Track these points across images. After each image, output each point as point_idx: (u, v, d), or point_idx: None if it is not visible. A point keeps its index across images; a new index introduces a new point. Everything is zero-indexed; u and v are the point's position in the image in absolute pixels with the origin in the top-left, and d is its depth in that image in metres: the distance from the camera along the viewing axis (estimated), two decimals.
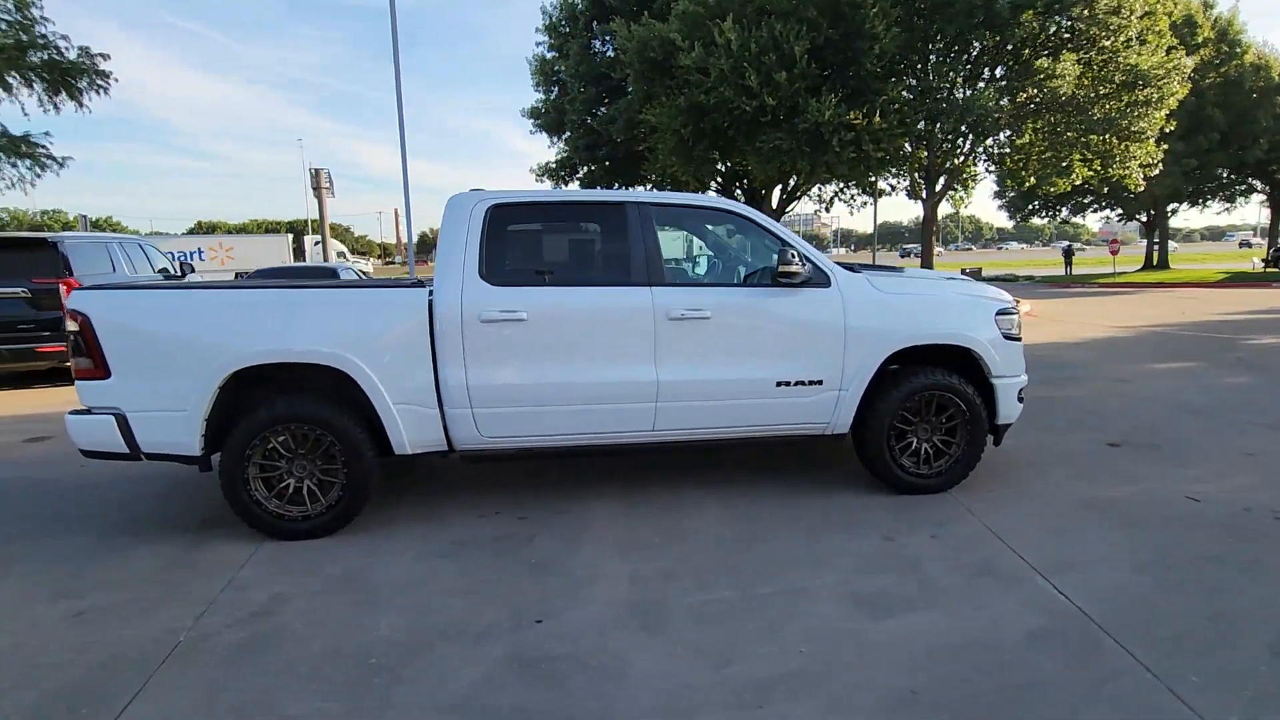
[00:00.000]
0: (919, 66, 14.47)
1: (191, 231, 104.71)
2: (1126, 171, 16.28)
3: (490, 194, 3.93)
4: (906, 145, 14.74)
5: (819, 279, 4.02)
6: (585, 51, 19.62)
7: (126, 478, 4.67)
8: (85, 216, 24.79)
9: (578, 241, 4.13)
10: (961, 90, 14.51)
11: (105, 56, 15.93)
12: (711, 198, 4.17)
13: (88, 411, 3.55)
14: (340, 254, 43.52)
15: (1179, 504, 3.96)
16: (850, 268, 4.44)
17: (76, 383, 3.54)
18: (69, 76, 15.44)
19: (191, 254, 28.51)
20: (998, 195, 34.93)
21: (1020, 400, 4.32)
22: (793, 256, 3.80)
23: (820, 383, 4.02)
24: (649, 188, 21.43)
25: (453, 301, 3.69)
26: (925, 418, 4.16)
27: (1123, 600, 2.90)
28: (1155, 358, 9.18)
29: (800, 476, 4.54)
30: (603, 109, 19.46)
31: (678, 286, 3.94)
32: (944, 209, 20.49)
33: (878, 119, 12.52)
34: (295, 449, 3.65)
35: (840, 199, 25.96)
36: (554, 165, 23.36)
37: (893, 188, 22.27)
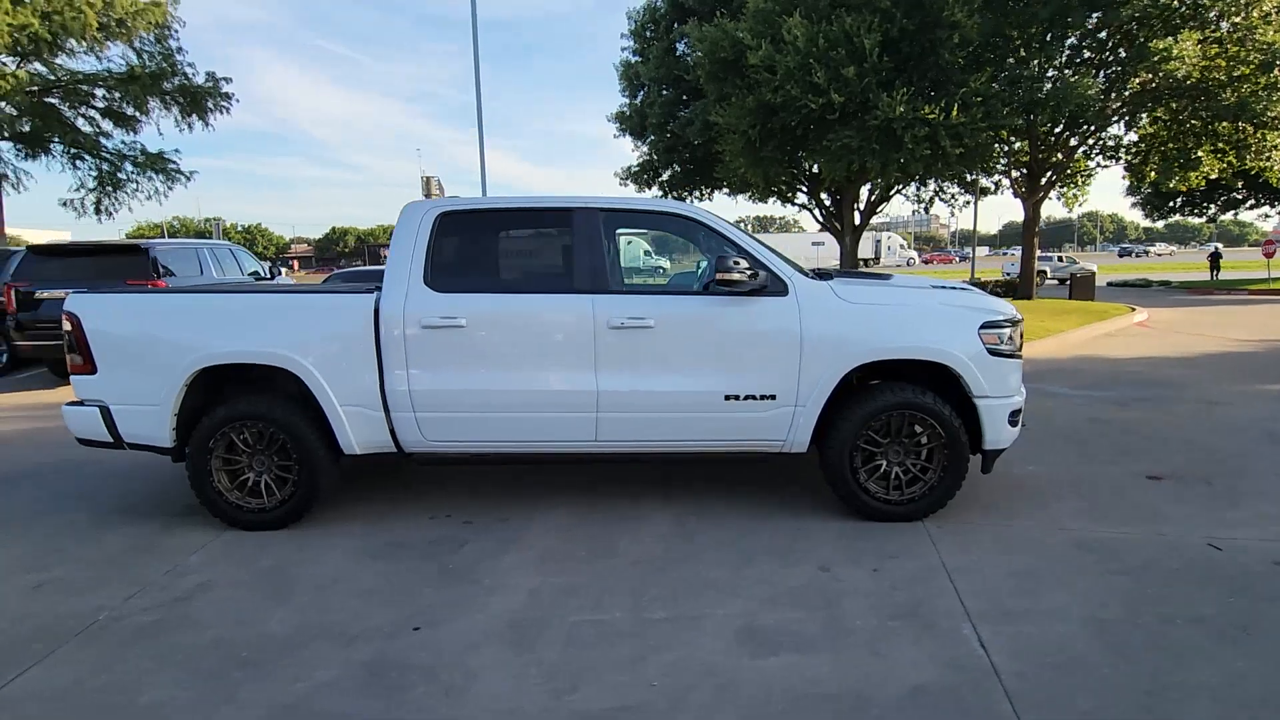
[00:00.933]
0: (1009, 55, 13.30)
1: (326, 236, 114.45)
2: (1267, 163, 14.20)
3: (439, 201, 4.00)
4: (994, 140, 13.58)
5: (775, 286, 3.78)
6: (665, 54, 19.58)
7: (145, 465, 5.13)
8: (219, 222, 27.68)
9: (524, 248, 4.12)
10: (1061, 79, 13.19)
11: (227, 80, 17.74)
12: (663, 201, 4.04)
13: (80, 403, 3.93)
14: None
15: (1194, 551, 3.41)
16: (824, 274, 4.17)
17: (71, 377, 3.93)
18: (199, 99, 17.28)
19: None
20: (1131, 192, 31.61)
21: (1014, 424, 3.88)
22: (734, 264, 3.59)
23: (774, 397, 3.78)
24: (725, 191, 21.09)
25: (396, 307, 3.77)
26: (897, 439, 3.81)
27: (1053, 661, 2.52)
28: (1268, 378, 7.97)
29: (774, 495, 4.28)
30: (683, 112, 19.36)
31: (622, 294, 3.82)
32: (1056, 208, 18.70)
33: (955, 113, 11.62)
34: (255, 445, 3.87)
35: (941, 198, 24.50)
36: (636, 169, 23.49)
37: (997, 185, 20.71)
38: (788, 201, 20.38)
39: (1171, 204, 31.95)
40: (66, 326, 3.89)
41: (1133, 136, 15.55)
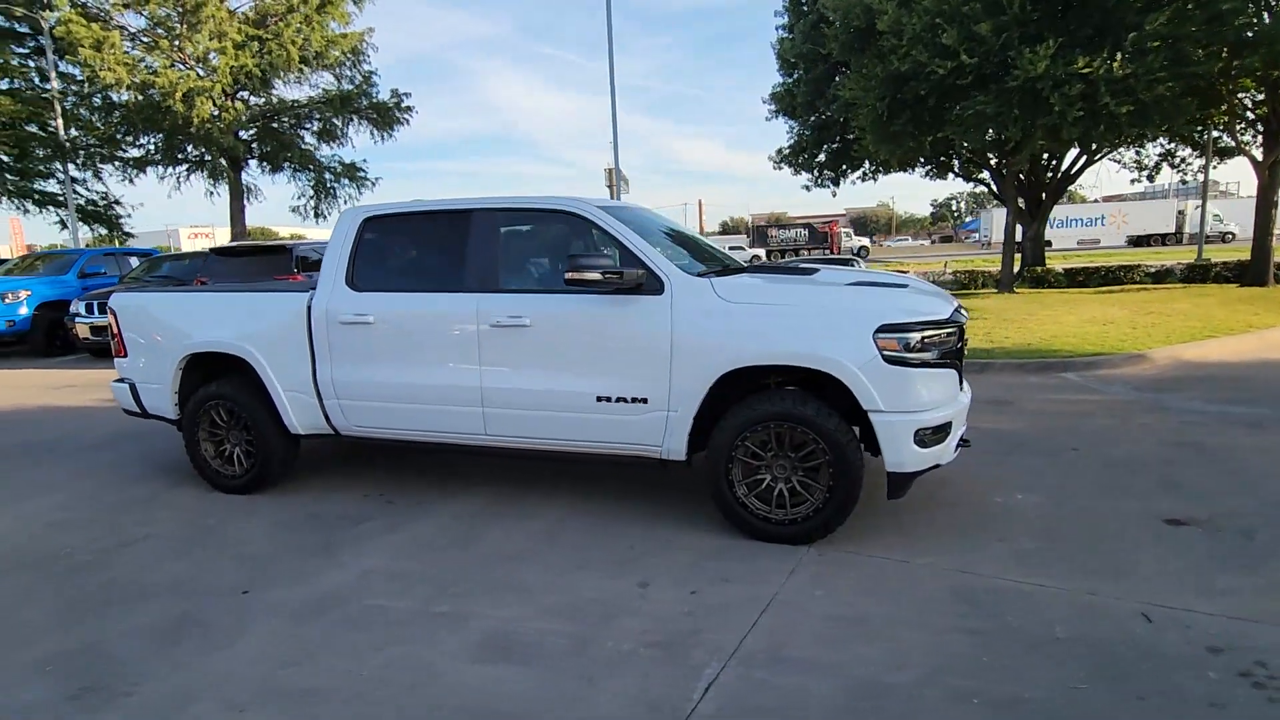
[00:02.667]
0: None
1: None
2: None
3: (366, 207, 4.35)
4: (1187, 91, 10.97)
5: (651, 285, 3.60)
6: (812, 29, 18.50)
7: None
8: None
9: (429, 249, 4.29)
10: None
11: (408, 94, 20.11)
12: (550, 198, 3.95)
13: (120, 380, 4.90)
14: None
15: (1111, 620, 2.70)
16: (731, 269, 3.87)
17: (115, 360, 4.91)
18: (385, 114, 19.82)
19: None
20: None
21: (930, 443, 3.32)
22: (587, 262, 3.48)
23: (645, 401, 3.61)
24: (872, 170, 19.48)
25: (322, 304, 4.20)
26: (782, 453, 3.45)
27: (765, 709, 2.20)
28: None
29: (693, 504, 4.04)
30: (829, 89, 18.23)
31: (505, 293, 3.88)
32: None
33: (1119, 64, 9.55)
34: (228, 422, 4.55)
35: (1170, 164, 20.55)
36: (788, 151, 22.57)
37: (1238, 145, 16.82)
38: (938, 177, 18.38)
39: None
40: (109, 319, 4.86)
41: None
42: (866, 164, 18.80)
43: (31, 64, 18.77)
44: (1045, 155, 17.37)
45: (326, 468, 5.04)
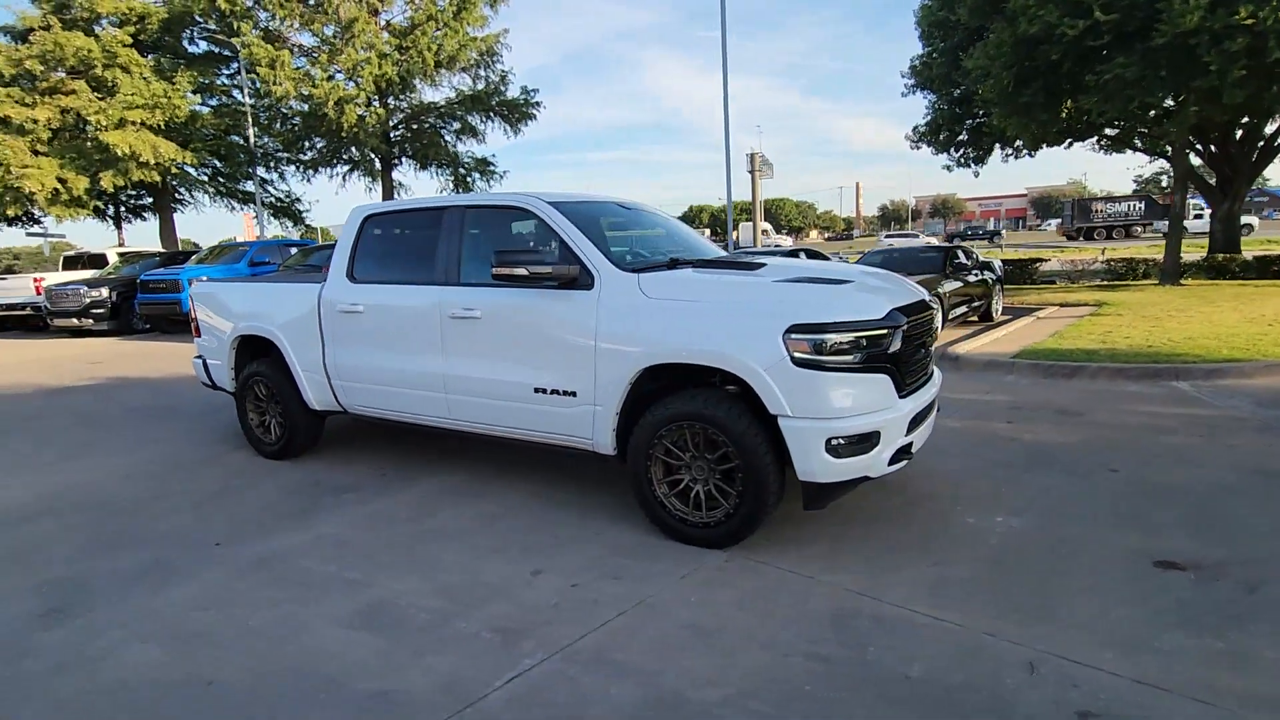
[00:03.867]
0: None
1: (684, 215, 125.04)
2: None
3: (368, 205, 4.74)
4: None
5: (584, 280, 3.64)
6: None
7: None
8: None
9: (410, 245, 4.56)
10: None
11: (535, 90, 21.10)
12: (505, 194, 4.04)
13: (198, 356, 5.76)
14: (764, 231, 50.21)
15: (985, 667, 2.39)
16: (673, 264, 3.81)
17: (195, 339, 5.77)
18: (514, 111, 20.97)
19: None
20: None
21: (846, 454, 3.09)
22: (508, 259, 3.58)
23: (574, 394, 3.67)
24: (1015, 148, 17.42)
25: (327, 294, 4.67)
26: (700, 454, 3.37)
27: (552, 705, 2.23)
28: None
29: None
30: (964, 61, 16.61)
31: (464, 287, 4.08)
32: None
33: None
34: (266, 397, 5.21)
35: None
36: (924, 129, 20.88)
37: None
38: (1114, 150, 16.09)
39: None
40: (190, 304, 5.72)
41: None
42: (1002, 142, 16.91)
43: (231, 82, 22.06)
44: (1247, 119, 14.63)
45: (349, 441, 5.59)
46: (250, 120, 20.42)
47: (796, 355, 3.05)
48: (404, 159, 22.94)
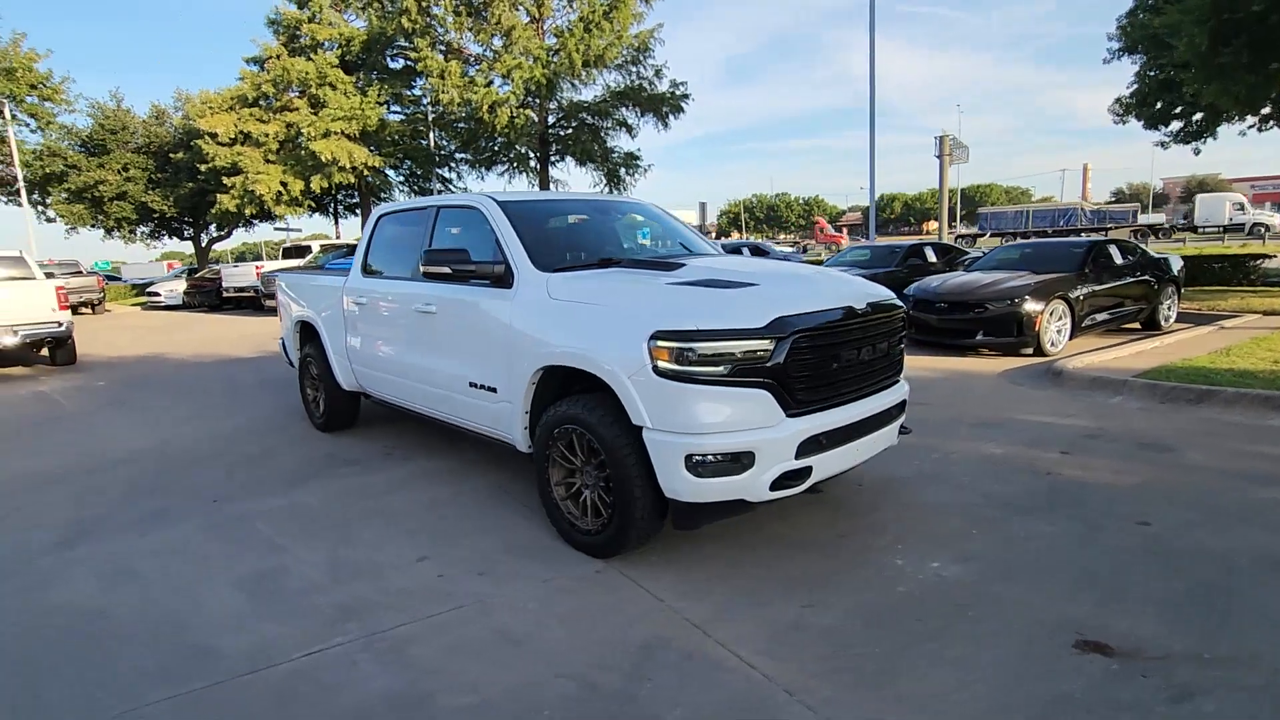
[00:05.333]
0: None
1: (875, 204, 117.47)
2: None
3: (386, 205, 5.15)
4: None
5: (508, 279, 3.70)
6: None
7: None
8: (703, 204, 32.71)
9: (402, 242, 4.83)
10: None
11: (684, 83, 21.14)
12: (463, 195, 4.13)
13: (281, 338, 6.65)
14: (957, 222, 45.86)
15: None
16: (610, 263, 3.74)
17: (280, 322, 6.67)
18: (661, 105, 21.20)
19: None
20: None
21: (698, 472, 2.85)
22: (433, 258, 3.71)
23: (495, 390, 3.75)
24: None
25: (347, 286, 5.18)
26: (589, 460, 3.29)
27: (318, 684, 2.36)
28: None
29: None
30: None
31: (426, 282, 4.30)
32: None
33: None
34: (316, 375, 5.89)
35: None
36: (1129, 99, 17.73)
37: None
38: None
39: None
40: (272, 290, 6.62)
41: None
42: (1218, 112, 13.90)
43: (420, 92, 24.78)
44: None
45: (388, 420, 6.12)
46: (430, 125, 22.81)
47: (659, 364, 2.87)
48: (564, 156, 24.20)
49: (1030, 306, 7.76)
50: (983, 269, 9.49)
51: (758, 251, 14.31)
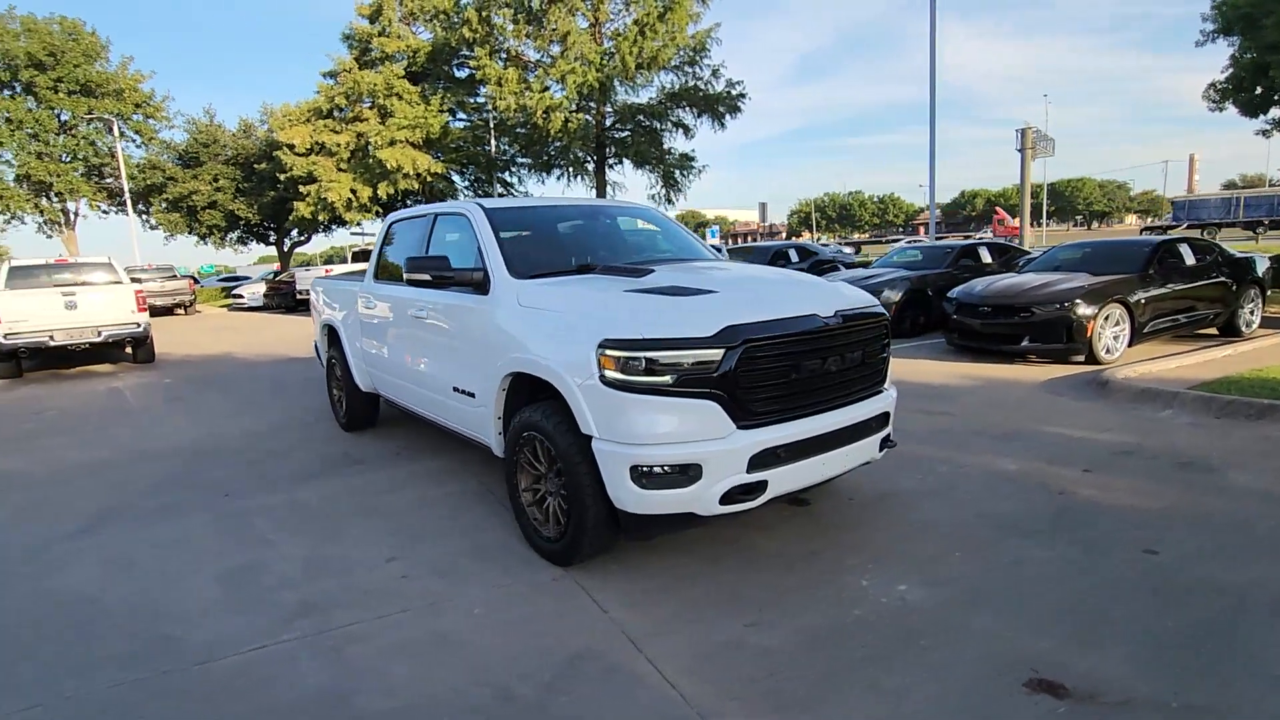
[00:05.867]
0: None
1: (954, 201, 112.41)
2: None
3: (396, 213, 5.30)
4: None
5: (485, 286, 3.74)
6: None
7: None
8: (763, 204, 32.08)
9: (404, 248, 4.93)
10: None
11: (740, 82, 20.87)
12: (452, 203, 4.18)
13: (316, 341, 6.96)
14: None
15: None
16: (586, 269, 3.74)
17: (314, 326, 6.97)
18: (717, 105, 21.01)
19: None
20: None
21: (642, 483, 2.80)
22: (414, 264, 3.79)
23: (474, 395, 3.80)
24: None
25: (361, 291, 5.37)
26: (550, 467, 3.29)
27: (255, 675, 2.46)
28: None
29: None
30: None
31: (421, 288, 4.39)
32: None
33: None
34: (339, 378, 6.14)
35: None
36: (1224, 84, 16.29)
37: None
38: None
39: None
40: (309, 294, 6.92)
41: None
42: None
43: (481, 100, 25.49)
44: None
45: (400, 421, 6.30)
46: (491, 132, 23.44)
47: (606, 373, 2.83)
48: (622, 159, 24.35)
49: (1082, 310, 7.24)
50: (1037, 270, 8.94)
51: (804, 253, 13.95)
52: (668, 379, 2.77)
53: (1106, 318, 7.38)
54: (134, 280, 12.19)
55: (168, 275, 23.54)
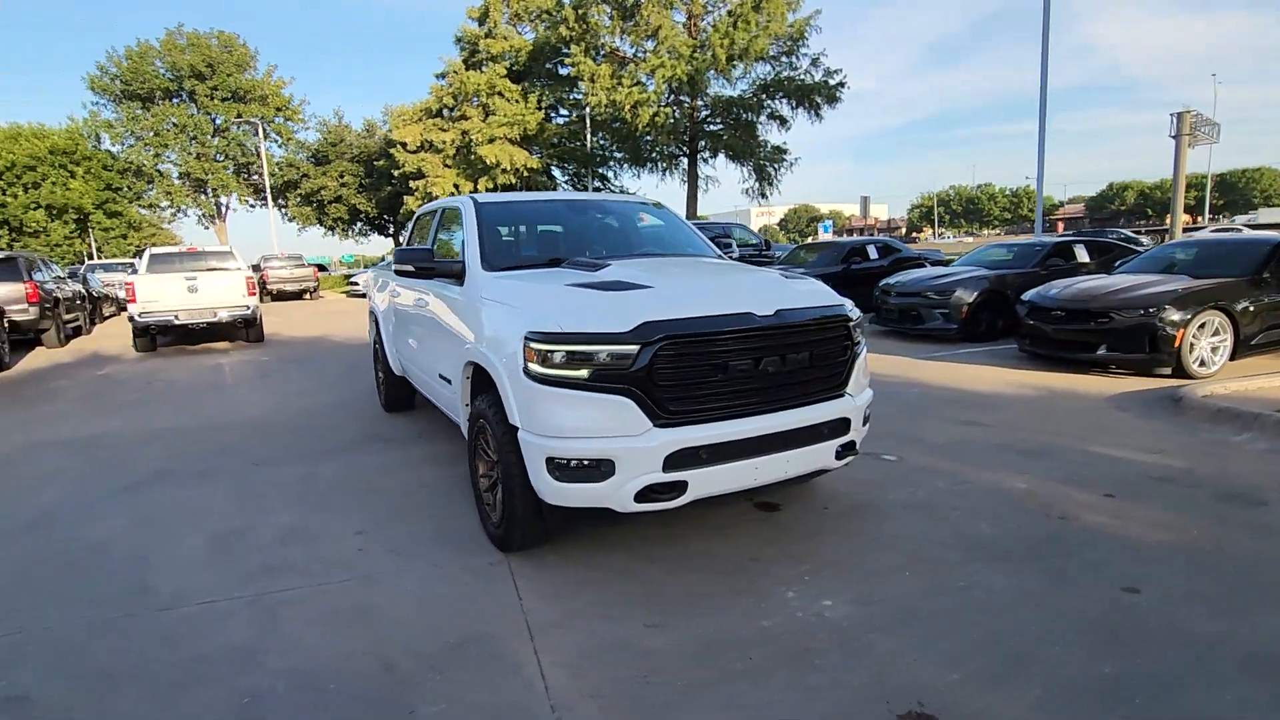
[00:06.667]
0: None
1: (1101, 194, 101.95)
2: None
3: (427, 205, 5.59)
4: None
5: (461, 278, 3.89)
6: None
7: None
8: (865, 198, 30.64)
9: (421, 240, 5.17)
10: None
11: (839, 71, 20.08)
12: (458, 198, 4.31)
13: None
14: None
15: None
16: (557, 263, 3.81)
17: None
18: (813, 95, 20.33)
19: None
20: None
21: (558, 476, 2.84)
22: (401, 256, 3.98)
23: (451, 382, 3.97)
24: None
25: (392, 279, 5.71)
26: (498, 455, 3.39)
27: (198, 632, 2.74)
28: None
29: None
30: None
31: (426, 279, 4.62)
32: None
33: None
34: (379, 358, 6.54)
35: None
36: None
37: None
38: None
39: None
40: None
41: None
42: None
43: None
44: None
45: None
46: (588, 128, 23.97)
47: (528, 365, 2.89)
48: (716, 153, 24.13)
49: (1171, 317, 6.46)
50: (1131, 271, 8.05)
51: (886, 249, 13.25)
52: (584, 373, 2.79)
53: (1202, 326, 6.54)
54: (255, 268, 13.58)
55: (297, 263, 25.89)
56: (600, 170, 27.43)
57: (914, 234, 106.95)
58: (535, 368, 2.86)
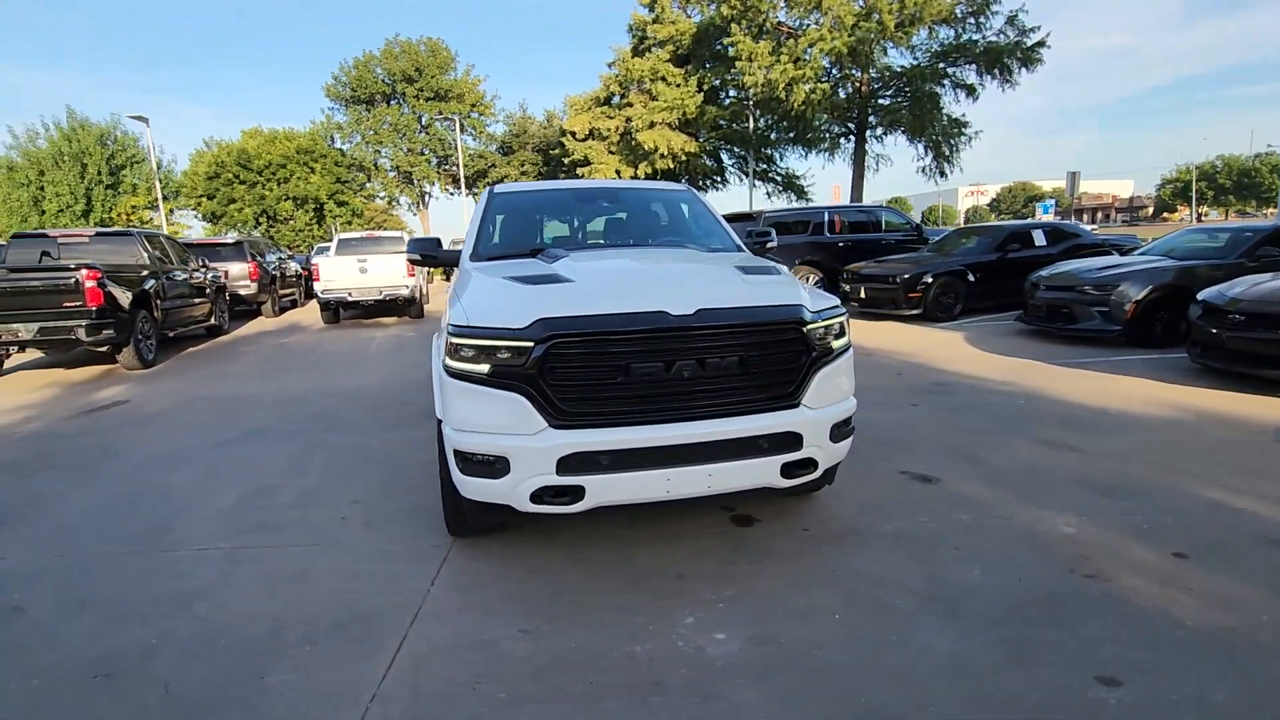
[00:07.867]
0: None
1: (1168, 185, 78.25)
2: None
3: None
4: None
5: (458, 267, 4.01)
6: None
7: None
8: (1073, 174, 26.14)
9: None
10: None
11: (1035, 29, 17.45)
12: (491, 188, 4.43)
13: None
14: None
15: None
16: (536, 253, 3.82)
17: None
18: (1003, 58, 17.92)
19: None
20: None
21: (462, 469, 2.86)
22: (415, 244, 4.17)
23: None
24: None
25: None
26: None
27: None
28: None
29: None
30: None
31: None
32: None
33: None
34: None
35: None
36: None
37: None
38: None
39: None
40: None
41: None
42: None
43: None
44: None
45: None
46: (750, 109, 23.30)
47: (445, 359, 2.93)
48: (889, 129, 22.32)
49: None
50: None
51: (1058, 235, 11.39)
52: (485, 368, 2.77)
53: None
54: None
55: None
56: (766, 151, 26.65)
57: (1163, 215, 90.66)
58: (449, 361, 2.89)
